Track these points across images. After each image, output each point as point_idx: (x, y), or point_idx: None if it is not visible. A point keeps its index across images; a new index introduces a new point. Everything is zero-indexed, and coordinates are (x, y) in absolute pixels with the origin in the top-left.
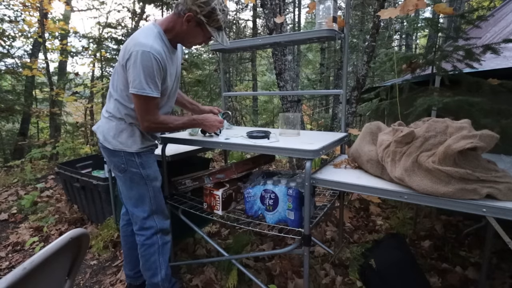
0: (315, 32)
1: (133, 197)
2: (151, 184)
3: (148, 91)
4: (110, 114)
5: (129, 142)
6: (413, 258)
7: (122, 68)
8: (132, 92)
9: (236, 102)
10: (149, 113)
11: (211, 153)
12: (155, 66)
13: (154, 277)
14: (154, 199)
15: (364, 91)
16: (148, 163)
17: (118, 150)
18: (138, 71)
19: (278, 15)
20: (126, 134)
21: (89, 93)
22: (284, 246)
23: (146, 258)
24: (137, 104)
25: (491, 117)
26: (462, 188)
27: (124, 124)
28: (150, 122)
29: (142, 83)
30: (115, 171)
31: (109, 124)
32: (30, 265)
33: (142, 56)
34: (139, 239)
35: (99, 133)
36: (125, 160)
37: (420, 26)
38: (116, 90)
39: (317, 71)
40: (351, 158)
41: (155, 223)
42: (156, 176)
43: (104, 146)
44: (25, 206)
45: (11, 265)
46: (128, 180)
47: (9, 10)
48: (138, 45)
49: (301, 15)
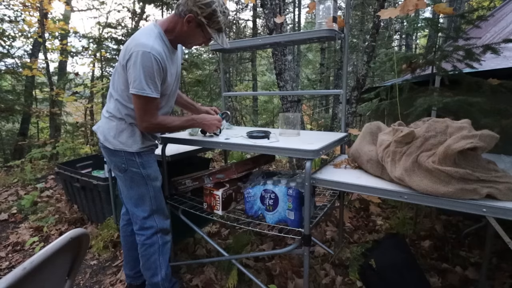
0: (315, 32)
1: (134, 197)
2: (151, 184)
3: (148, 91)
4: (110, 114)
5: (129, 142)
6: (413, 258)
7: (122, 69)
8: (132, 92)
9: (236, 102)
10: (148, 113)
11: (211, 153)
12: (155, 66)
13: (154, 277)
14: (154, 199)
15: (364, 91)
16: (149, 163)
17: (118, 150)
18: (138, 72)
19: (278, 15)
20: (127, 134)
21: (89, 93)
22: (284, 246)
23: (146, 258)
24: (137, 104)
25: (491, 117)
26: (462, 188)
27: (124, 124)
28: (148, 123)
29: (142, 83)
30: (115, 171)
31: (109, 124)
32: (30, 265)
33: (142, 57)
34: (139, 239)
35: (99, 133)
36: (126, 160)
37: (420, 26)
38: (117, 90)
39: (317, 71)
40: (351, 158)
41: (155, 223)
42: (157, 175)
43: (104, 146)
44: (25, 206)
45: (11, 265)
46: (128, 179)
47: (9, 10)
48: (139, 45)
49: (301, 15)
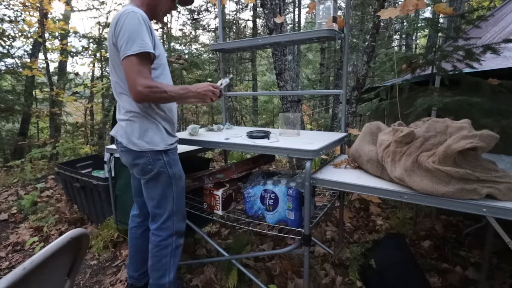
0: (315, 32)
1: (156, 197)
2: (175, 184)
3: (137, 47)
4: (130, 114)
5: (156, 140)
6: (413, 258)
7: (116, 49)
8: (123, 57)
9: (236, 102)
10: (141, 74)
11: (211, 153)
12: (143, 25)
13: (162, 279)
14: (176, 199)
15: (364, 91)
16: (175, 162)
17: (145, 150)
18: (128, 32)
19: (278, 15)
20: (152, 132)
21: (89, 93)
22: (284, 246)
23: (158, 259)
24: (128, 67)
25: (491, 117)
26: (462, 188)
27: (147, 122)
28: (143, 86)
29: (134, 42)
30: (140, 174)
31: (132, 126)
32: (30, 265)
33: (128, 17)
34: (154, 239)
35: (120, 136)
36: (152, 160)
37: (420, 26)
38: (120, 83)
39: (317, 71)
40: (351, 158)
41: (172, 225)
42: (181, 175)
43: (128, 149)
44: (25, 206)
45: (11, 265)
46: (153, 180)
47: (9, 10)
48: (123, 12)
49: (301, 15)
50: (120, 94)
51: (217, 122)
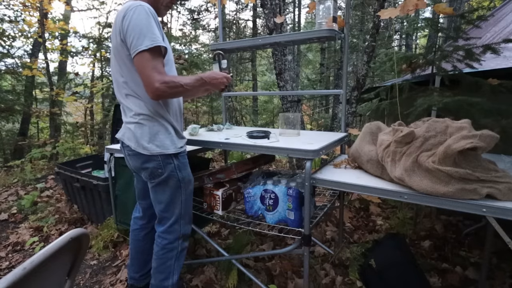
0: (315, 32)
1: (165, 201)
2: (184, 188)
3: (149, 42)
4: (140, 117)
5: (166, 143)
6: (413, 258)
7: (122, 46)
8: (134, 54)
9: (236, 102)
10: (156, 69)
11: (211, 153)
12: (152, 18)
13: (166, 281)
14: (184, 202)
15: (364, 91)
16: (184, 165)
17: (155, 154)
18: (138, 27)
19: (278, 15)
20: (162, 135)
21: (89, 93)
22: (284, 246)
23: (163, 261)
24: (142, 63)
25: (491, 117)
26: (462, 188)
27: (157, 125)
28: (159, 82)
29: (145, 36)
30: (148, 178)
31: (141, 129)
32: (30, 265)
33: (137, 11)
34: (160, 242)
35: (127, 140)
36: (163, 164)
37: (420, 26)
38: (127, 83)
39: (317, 71)
40: (351, 158)
41: (179, 228)
42: (190, 179)
43: (137, 153)
44: (25, 206)
45: (11, 265)
46: (162, 183)
47: (9, 10)
48: (130, 6)
49: (301, 15)
50: (127, 96)
51: (217, 122)
